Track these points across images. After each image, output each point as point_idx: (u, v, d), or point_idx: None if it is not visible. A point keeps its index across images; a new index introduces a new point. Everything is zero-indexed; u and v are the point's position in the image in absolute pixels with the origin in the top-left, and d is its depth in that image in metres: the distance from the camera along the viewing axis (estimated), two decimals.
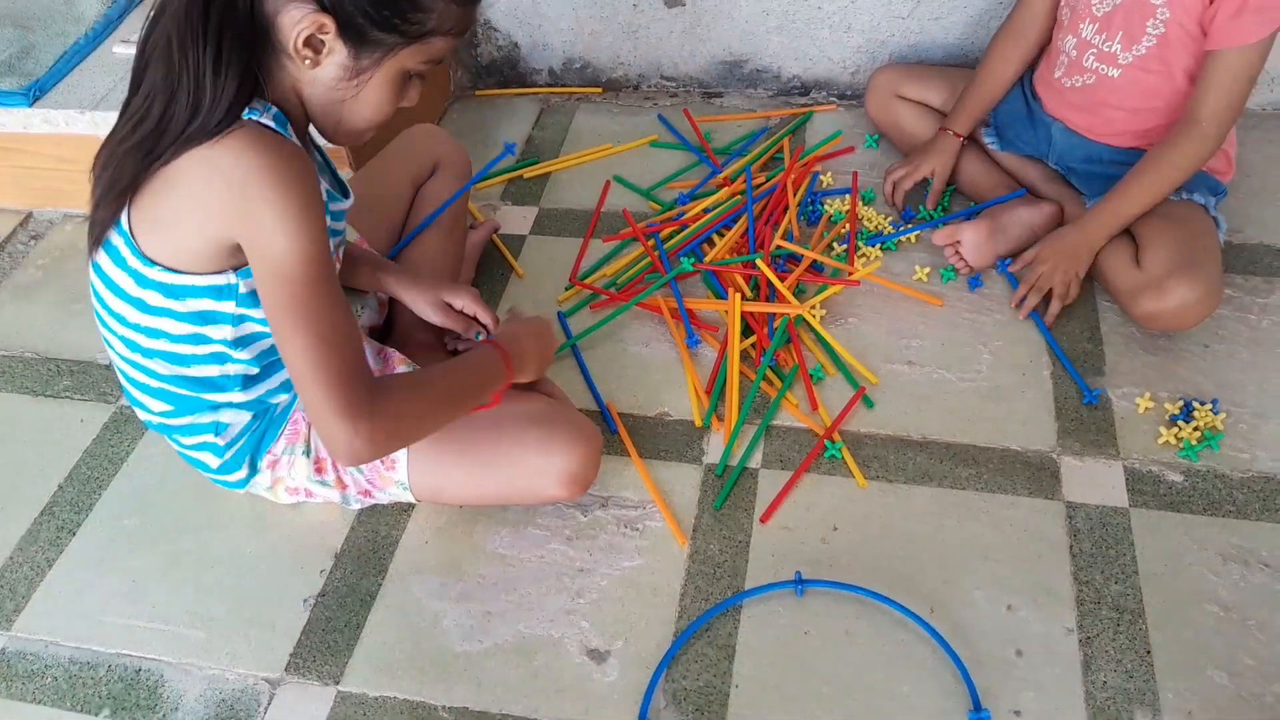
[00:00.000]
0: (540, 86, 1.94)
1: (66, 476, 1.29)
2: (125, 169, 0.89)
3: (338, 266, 1.07)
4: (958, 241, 1.40)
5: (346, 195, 1.07)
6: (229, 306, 0.96)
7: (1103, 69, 1.32)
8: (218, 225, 0.88)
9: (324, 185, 0.99)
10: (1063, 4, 1.37)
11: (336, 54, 0.87)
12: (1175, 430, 1.21)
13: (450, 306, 1.20)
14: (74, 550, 1.21)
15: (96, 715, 1.06)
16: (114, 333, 1.01)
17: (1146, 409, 1.24)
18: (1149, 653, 1.02)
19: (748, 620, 1.08)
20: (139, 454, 1.31)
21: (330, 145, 1.04)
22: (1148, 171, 1.28)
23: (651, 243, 1.50)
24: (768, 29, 1.76)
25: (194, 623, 1.13)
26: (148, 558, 1.19)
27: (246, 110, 0.86)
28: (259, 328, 0.99)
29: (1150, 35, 1.26)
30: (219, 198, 0.86)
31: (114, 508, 1.25)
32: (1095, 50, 1.32)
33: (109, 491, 1.27)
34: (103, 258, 0.96)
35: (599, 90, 1.91)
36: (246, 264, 0.91)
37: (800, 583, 1.09)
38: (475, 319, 1.21)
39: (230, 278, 0.94)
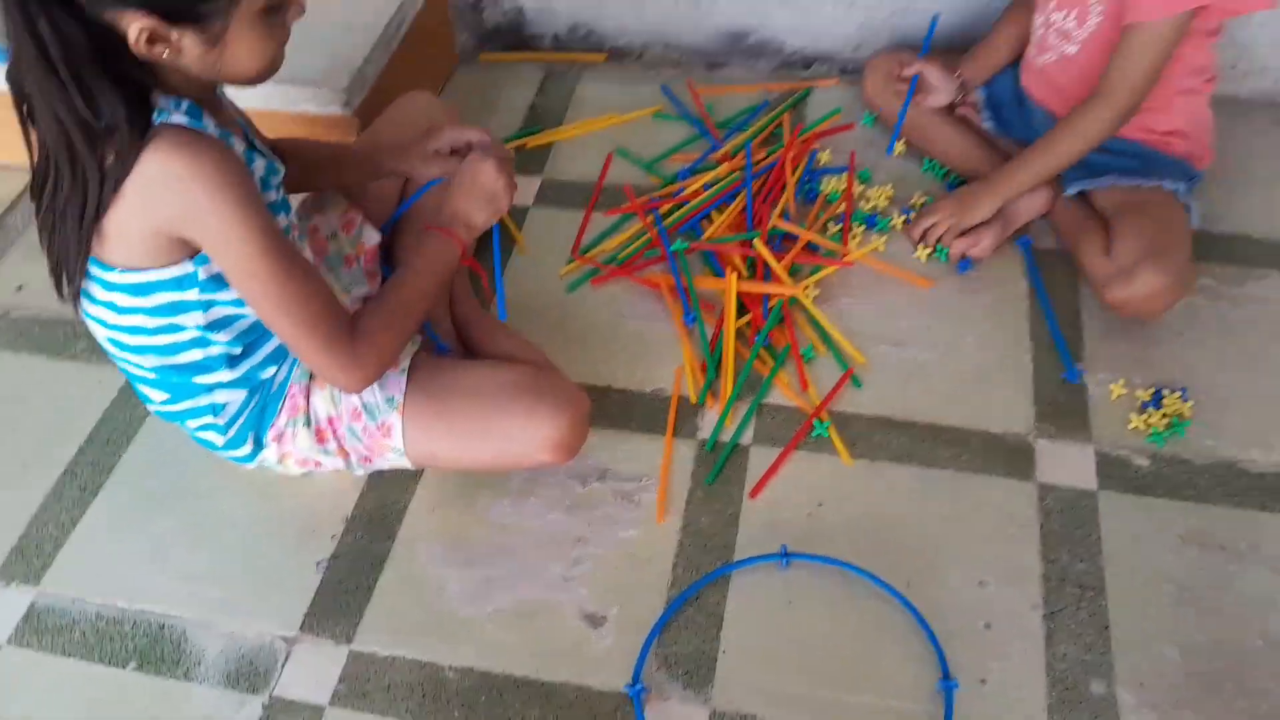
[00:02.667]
0: (544, 51, 1.95)
1: (87, 438, 1.34)
2: (71, 240, 0.94)
3: (300, 234, 1.13)
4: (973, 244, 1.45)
5: (285, 162, 1.12)
6: (193, 294, 1.00)
7: (1064, 46, 1.38)
8: (163, 227, 0.93)
9: (263, 161, 1.04)
10: None
11: (186, 35, 0.89)
12: (1145, 416, 1.27)
13: (439, 153, 1.27)
14: (97, 510, 1.27)
15: (124, 668, 1.13)
16: (101, 336, 1.06)
17: (1119, 395, 1.30)
18: (1107, 628, 1.10)
19: (736, 590, 1.15)
20: (156, 418, 1.35)
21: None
22: (1057, 137, 1.34)
23: (651, 219, 1.54)
24: (772, 2, 1.78)
25: (213, 582, 1.19)
26: (168, 519, 1.25)
27: (156, 113, 0.90)
28: (229, 310, 1.04)
29: (1096, 12, 1.30)
30: (157, 207, 0.92)
31: (134, 469, 1.31)
32: (1057, 27, 1.37)
33: (128, 453, 1.32)
34: None
35: (603, 57, 1.92)
36: (200, 250, 0.97)
37: (785, 556, 1.16)
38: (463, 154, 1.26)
39: (187, 267, 0.98)
